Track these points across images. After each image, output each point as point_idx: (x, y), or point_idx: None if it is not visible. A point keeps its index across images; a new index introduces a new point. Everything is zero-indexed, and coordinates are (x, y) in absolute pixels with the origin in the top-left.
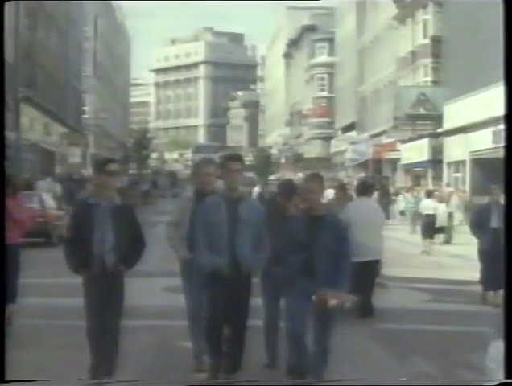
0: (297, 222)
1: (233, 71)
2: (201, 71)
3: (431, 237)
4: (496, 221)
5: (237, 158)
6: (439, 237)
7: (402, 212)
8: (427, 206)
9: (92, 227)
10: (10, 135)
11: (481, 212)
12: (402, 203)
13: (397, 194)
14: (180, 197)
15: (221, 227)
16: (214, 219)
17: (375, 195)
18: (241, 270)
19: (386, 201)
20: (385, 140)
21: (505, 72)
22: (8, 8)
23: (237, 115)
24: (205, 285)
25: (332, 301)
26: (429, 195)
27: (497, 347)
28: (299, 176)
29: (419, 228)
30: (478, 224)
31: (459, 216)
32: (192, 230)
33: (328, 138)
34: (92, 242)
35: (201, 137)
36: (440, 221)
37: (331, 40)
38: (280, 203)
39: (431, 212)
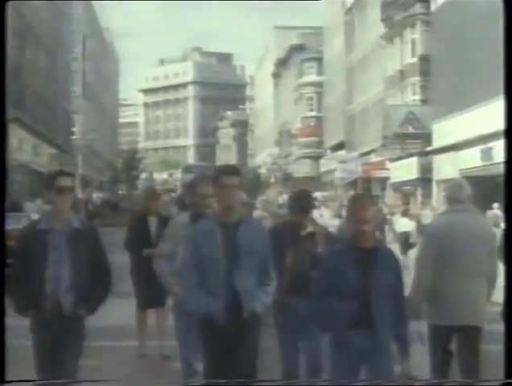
0: (341, 255)
1: (221, 90)
2: (190, 91)
3: (405, 254)
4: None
5: (233, 170)
6: (414, 253)
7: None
8: (402, 224)
9: (44, 259)
10: None
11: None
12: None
13: (391, 213)
14: (172, 222)
15: (216, 260)
16: (206, 250)
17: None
18: (243, 314)
19: (381, 220)
20: (374, 159)
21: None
22: None
23: (226, 135)
24: (200, 336)
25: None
26: (404, 213)
27: None
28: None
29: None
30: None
31: None
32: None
33: (317, 157)
34: (44, 278)
35: (191, 157)
36: (413, 238)
37: (319, 59)
38: (293, 221)
39: (406, 229)
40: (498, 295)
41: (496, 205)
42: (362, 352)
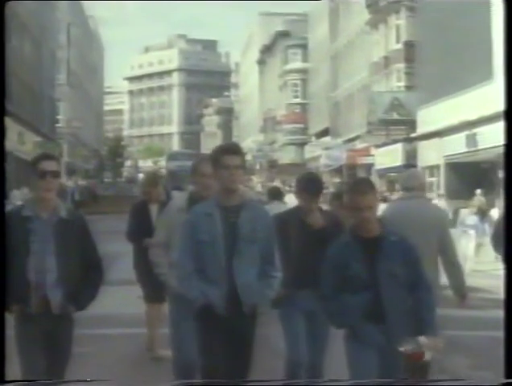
0: (347, 248)
1: (206, 78)
2: (175, 78)
3: None
4: None
5: (234, 149)
6: None
7: None
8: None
9: (28, 249)
10: None
11: None
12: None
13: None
14: (168, 207)
15: (215, 246)
16: (205, 236)
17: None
18: (243, 306)
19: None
20: (359, 145)
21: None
22: None
23: (211, 122)
24: (196, 326)
25: (428, 354)
26: (384, 201)
27: None
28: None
29: None
30: None
31: None
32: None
33: (301, 144)
34: (29, 271)
35: (175, 145)
36: None
37: (304, 46)
38: (301, 207)
39: None
40: (469, 279)
41: (479, 191)
42: (377, 347)
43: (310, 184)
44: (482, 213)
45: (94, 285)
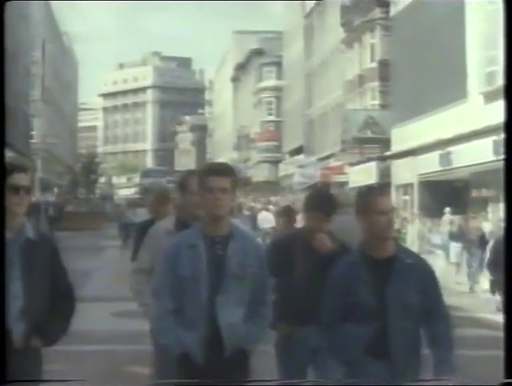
0: (352, 269)
1: (180, 95)
2: (149, 95)
3: None
4: None
5: (223, 170)
6: None
7: None
8: None
9: None
10: None
11: None
12: None
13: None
14: (154, 229)
15: (197, 283)
16: (186, 271)
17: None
18: (225, 350)
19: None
20: (333, 163)
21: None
22: None
23: (184, 139)
24: (177, 374)
25: None
26: None
27: None
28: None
29: None
30: None
31: None
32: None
33: (275, 162)
34: None
35: (149, 162)
36: None
37: (279, 64)
38: (309, 228)
39: None
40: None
41: (448, 209)
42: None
43: (324, 203)
44: (453, 233)
45: (65, 317)
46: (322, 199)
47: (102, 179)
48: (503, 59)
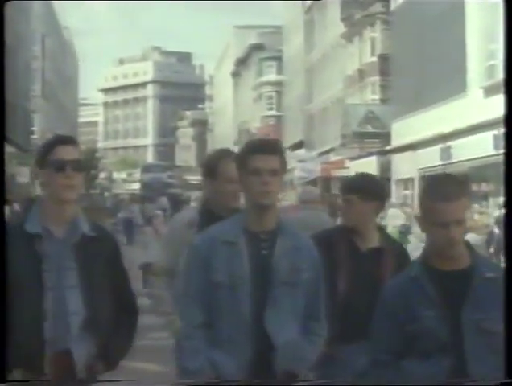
0: (414, 287)
1: (181, 90)
2: (149, 90)
3: None
4: None
5: (271, 148)
6: None
7: None
8: None
9: (36, 283)
10: None
11: None
12: None
13: None
14: (173, 222)
15: (239, 291)
16: (222, 275)
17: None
18: (277, 376)
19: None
20: (333, 158)
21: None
22: None
23: (185, 134)
24: None
25: None
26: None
27: None
28: None
29: None
30: None
31: None
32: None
33: None
34: (39, 315)
35: (150, 157)
36: None
37: (279, 59)
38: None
39: None
40: None
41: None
42: None
43: (368, 187)
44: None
45: (128, 334)
46: (365, 185)
47: (102, 175)
48: (503, 53)
